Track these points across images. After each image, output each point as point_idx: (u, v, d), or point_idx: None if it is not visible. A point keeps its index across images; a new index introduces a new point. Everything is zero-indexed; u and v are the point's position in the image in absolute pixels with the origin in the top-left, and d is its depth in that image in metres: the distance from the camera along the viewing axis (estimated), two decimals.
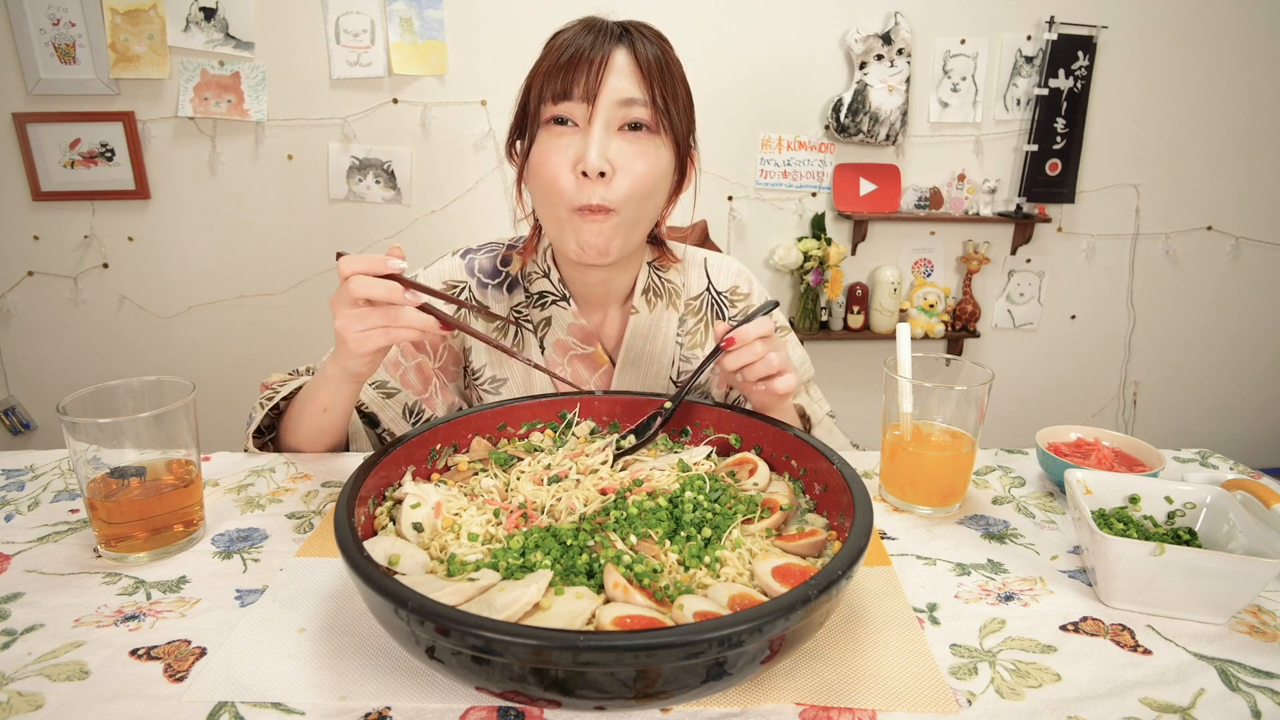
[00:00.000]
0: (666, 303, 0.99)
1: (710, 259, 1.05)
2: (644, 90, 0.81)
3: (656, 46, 0.83)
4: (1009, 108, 2.47)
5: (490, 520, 0.62)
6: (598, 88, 0.79)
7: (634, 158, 0.82)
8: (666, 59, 0.83)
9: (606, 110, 0.80)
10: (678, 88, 0.85)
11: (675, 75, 0.85)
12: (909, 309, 2.60)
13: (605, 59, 0.80)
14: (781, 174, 2.49)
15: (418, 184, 2.40)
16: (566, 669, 0.42)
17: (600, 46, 0.80)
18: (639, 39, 0.82)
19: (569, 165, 0.81)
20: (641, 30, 0.84)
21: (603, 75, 0.79)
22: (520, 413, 0.80)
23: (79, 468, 0.65)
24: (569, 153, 0.81)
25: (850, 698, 0.51)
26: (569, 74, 0.79)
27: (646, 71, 0.81)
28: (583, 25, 0.83)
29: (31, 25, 2.16)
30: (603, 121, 0.80)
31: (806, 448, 0.68)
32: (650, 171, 0.83)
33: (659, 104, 0.81)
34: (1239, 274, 2.71)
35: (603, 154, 0.79)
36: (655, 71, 0.81)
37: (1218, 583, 0.57)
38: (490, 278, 0.99)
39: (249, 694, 0.50)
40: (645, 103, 0.81)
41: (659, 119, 0.82)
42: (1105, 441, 0.86)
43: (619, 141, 0.81)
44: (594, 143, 0.79)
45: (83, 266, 2.40)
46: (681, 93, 0.85)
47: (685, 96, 0.87)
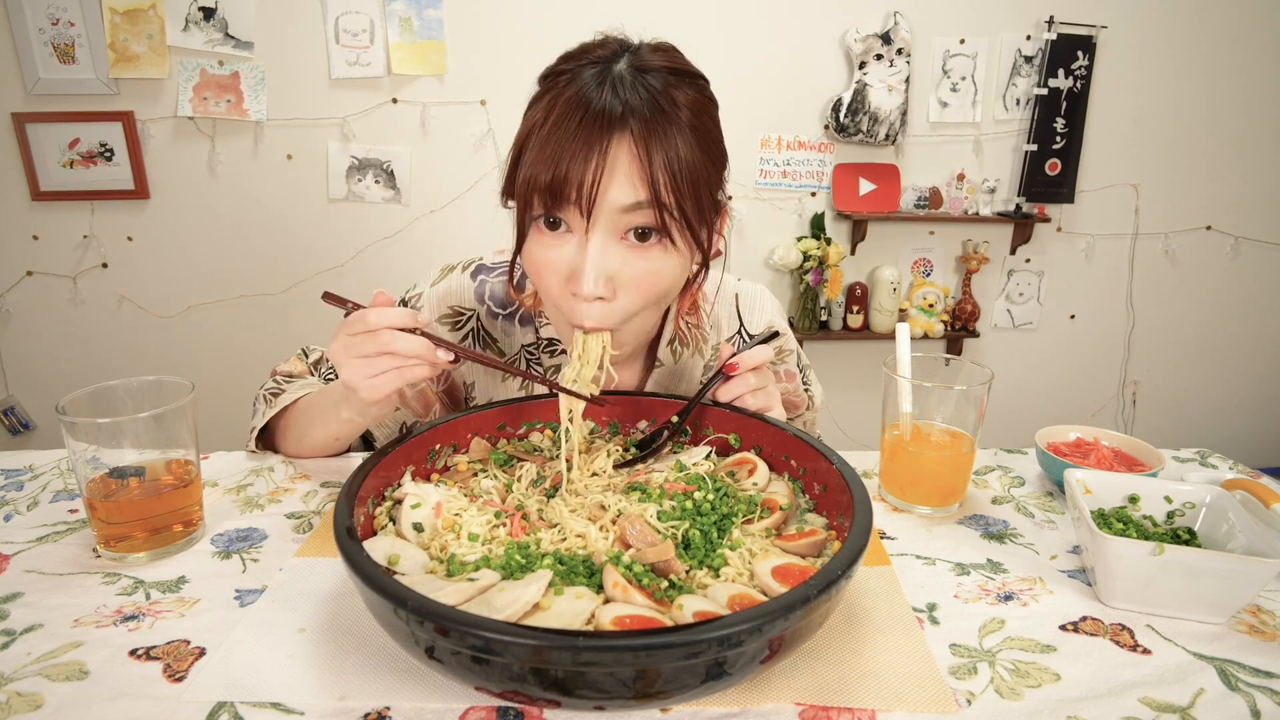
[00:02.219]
0: (692, 350, 0.91)
1: (742, 295, 0.96)
2: (648, 189, 0.66)
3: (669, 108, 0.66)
4: (1008, 107, 2.47)
5: (490, 521, 0.62)
6: (594, 197, 0.65)
7: (640, 274, 0.70)
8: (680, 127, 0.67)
9: (606, 219, 0.67)
10: (697, 166, 0.68)
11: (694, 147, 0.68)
12: (908, 309, 2.60)
13: (604, 153, 0.64)
14: (781, 174, 2.49)
15: (417, 184, 2.40)
16: (566, 669, 0.42)
17: (597, 139, 0.65)
18: (647, 116, 0.65)
19: (563, 279, 0.70)
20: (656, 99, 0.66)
21: (601, 177, 0.64)
22: (520, 413, 0.79)
23: (78, 468, 0.65)
24: (563, 265, 0.70)
25: (850, 698, 0.51)
26: (561, 168, 0.65)
27: (650, 163, 0.65)
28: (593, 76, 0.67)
29: (31, 25, 2.16)
30: (601, 234, 0.67)
31: (806, 448, 0.68)
32: (659, 281, 0.71)
33: (668, 203, 0.66)
34: (1239, 274, 2.71)
35: (599, 278, 0.67)
36: (664, 161, 0.65)
37: (1217, 582, 0.57)
38: (501, 307, 0.89)
39: (248, 694, 0.50)
40: (649, 204, 0.66)
41: (668, 222, 0.67)
42: (1105, 441, 0.86)
43: (621, 253, 0.69)
44: (590, 266, 0.67)
45: (82, 266, 2.40)
46: (701, 169, 0.68)
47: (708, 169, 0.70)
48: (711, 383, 0.78)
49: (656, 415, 0.81)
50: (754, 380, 0.76)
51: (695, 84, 0.71)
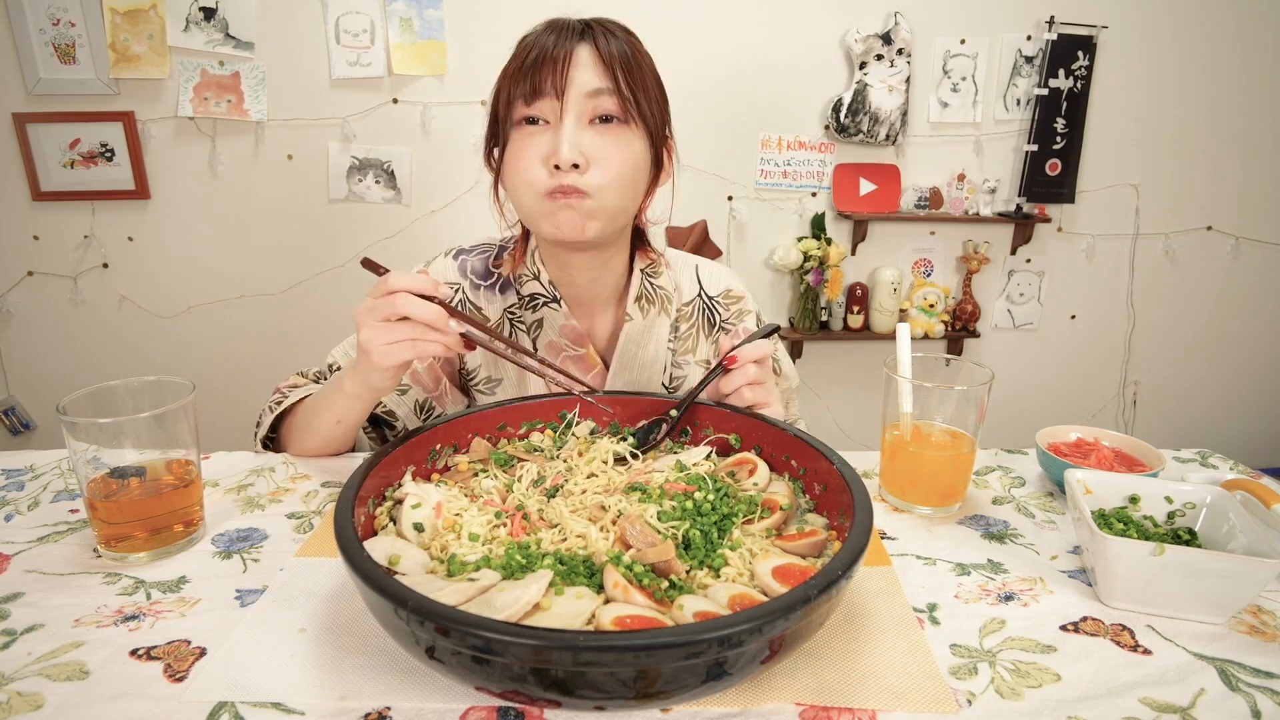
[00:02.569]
0: (659, 309, 0.98)
1: (701, 265, 1.05)
2: (610, 80, 0.80)
3: (622, 40, 0.83)
4: (1009, 108, 2.47)
5: (491, 521, 0.62)
6: (565, 83, 0.79)
7: (607, 148, 0.81)
8: (633, 50, 0.83)
9: (576, 104, 0.80)
10: (646, 78, 0.84)
11: (643, 66, 0.84)
12: (909, 309, 2.60)
13: (569, 55, 0.80)
14: (781, 174, 2.49)
15: (417, 184, 2.40)
16: (566, 669, 0.42)
17: (564, 43, 0.80)
18: (602, 33, 0.82)
19: (542, 160, 0.81)
20: (605, 25, 0.84)
21: (568, 70, 0.79)
22: (520, 413, 0.80)
23: (79, 468, 0.65)
24: (542, 149, 0.81)
25: (850, 698, 0.51)
26: (535, 73, 0.79)
27: (610, 63, 0.80)
28: (546, 26, 0.84)
29: (31, 25, 2.16)
30: (573, 115, 0.80)
31: (806, 448, 0.68)
32: (624, 161, 0.82)
33: (627, 94, 0.81)
34: (1239, 274, 2.71)
35: (575, 146, 0.79)
36: (621, 63, 0.81)
37: (1218, 583, 0.57)
38: (482, 279, 0.98)
39: (249, 694, 0.50)
40: (612, 91, 0.80)
41: (628, 109, 0.81)
42: (1105, 441, 0.86)
43: (591, 135, 0.81)
44: (565, 136, 0.79)
45: (83, 266, 2.40)
46: (651, 83, 0.85)
47: (656, 87, 0.86)
48: (711, 375, 0.79)
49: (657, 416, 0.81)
50: (754, 371, 0.79)
51: (636, 37, 0.87)
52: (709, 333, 1.02)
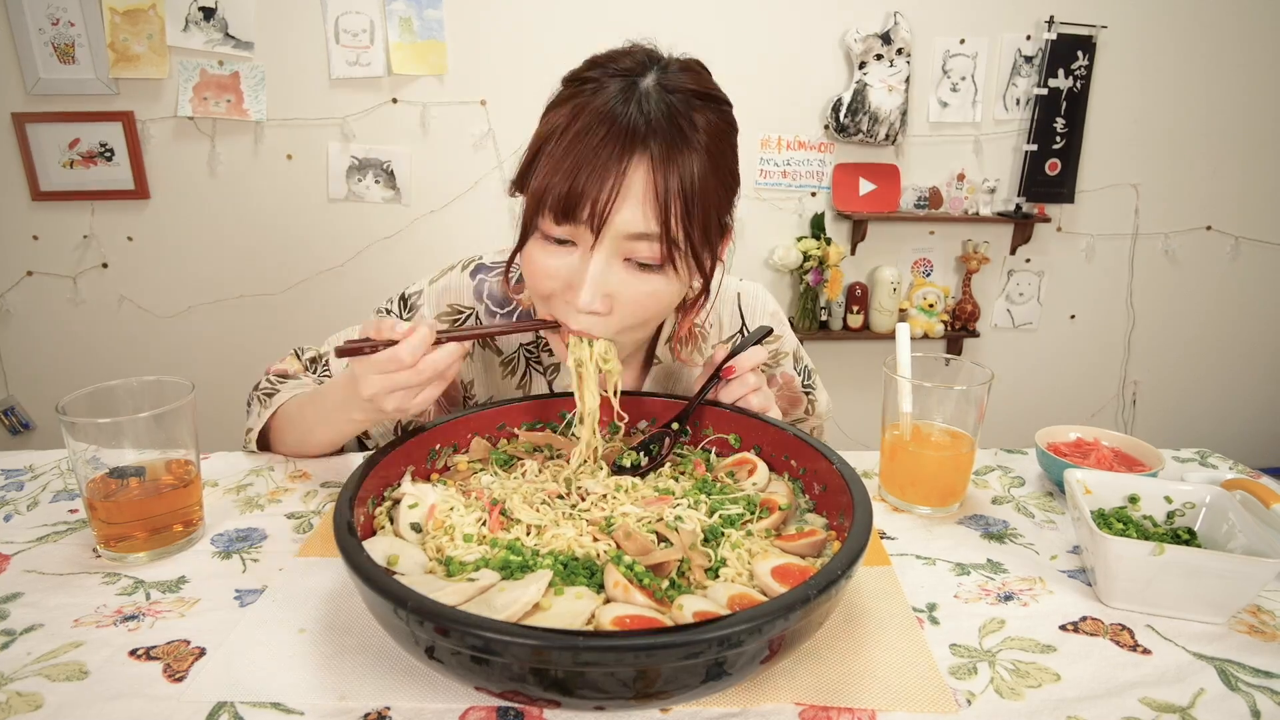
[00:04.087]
0: (691, 349, 0.91)
1: (744, 294, 0.97)
2: (659, 223, 0.66)
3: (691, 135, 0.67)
4: (1008, 107, 2.47)
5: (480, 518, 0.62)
6: (604, 218, 0.65)
7: (637, 296, 0.70)
8: (695, 159, 0.67)
9: (612, 241, 0.67)
10: (710, 199, 0.68)
11: (708, 181, 0.68)
12: (908, 309, 2.60)
13: (618, 185, 0.65)
14: (781, 174, 2.49)
15: (417, 184, 2.40)
16: (566, 669, 0.42)
17: (619, 150, 0.64)
18: (667, 142, 0.65)
19: (561, 286, 0.71)
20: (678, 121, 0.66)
21: (613, 205, 0.65)
22: (520, 413, 0.79)
23: (78, 468, 0.65)
24: (562, 274, 0.70)
25: (850, 698, 0.51)
26: (576, 185, 0.65)
27: (665, 200, 0.65)
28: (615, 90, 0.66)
29: (31, 25, 2.16)
30: (606, 252, 0.68)
31: (806, 448, 0.68)
32: (656, 305, 0.72)
33: (676, 237, 0.67)
34: (1239, 274, 2.71)
35: (598, 295, 0.68)
36: (680, 199, 0.66)
37: (1217, 582, 0.57)
38: (500, 306, 0.89)
39: (248, 694, 0.50)
40: (658, 238, 0.66)
41: (674, 254, 0.68)
42: (1105, 441, 0.86)
43: (622, 274, 0.69)
44: (590, 283, 0.67)
45: (82, 266, 2.40)
46: (714, 196, 0.69)
47: (719, 199, 0.70)
48: (709, 385, 0.78)
49: (657, 416, 0.81)
50: (753, 380, 0.77)
51: (718, 109, 0.71)
52: None
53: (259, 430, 0.88)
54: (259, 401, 0.89)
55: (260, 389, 0.90)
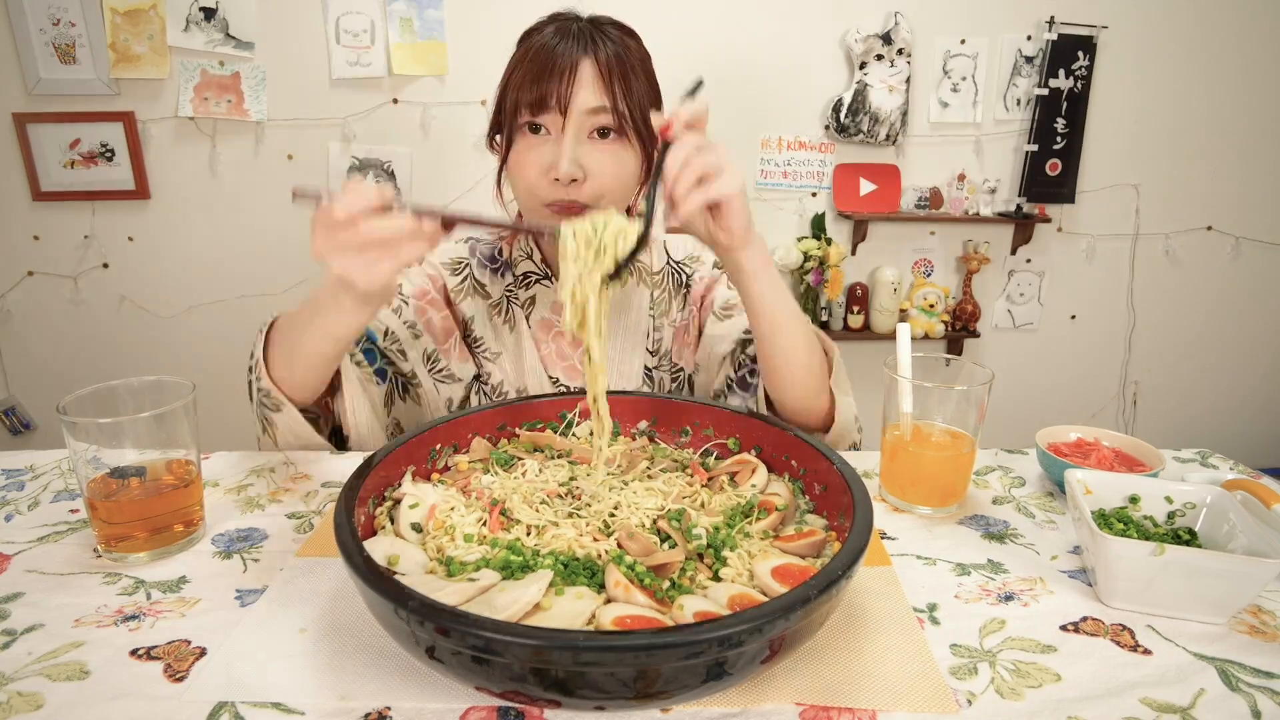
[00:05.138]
0: (638, 279, 1.07)
1: (668, 240, 1.13)
2: (608, 98, 0.87)
3: (620, 47, 0.89)
4: (1009, 108, 2.47)
5: (480, 518, 0.62)
6: (568, 100, 0.86)
7: (604, 162, 0.89)
8: (629, 60, 0.89)
9: (576, 120, 0.87)
10: (641, 87, 0.90)
11: (639, 74, 0.90)
12: (909, 309, 2.60)
13: (573, 70, 0.86)
14: (781, 174, 2.49)
15: (418, 184, 2.40)
16: (566, 669, 0.42)
17: (569, 55, 0.86)
18: (603, 43, 0.88)
19: (543, 170, 0.87)
20: (606, 32, 0.90)
21: (572, 87, 0.85)
22: (520, 413, 0.79)
23: (79, 468, 0.65)
24: (543, 159, 0.87)
25: (850, 698, 0.51)
26: (541, 85, 0.86)
27: (609, 79, 0.87)
28: (554, 29, 0.89)
29: (31, 25, 2.16)
30: (573, 130, 0.87)
31: (806, 448, 0.68)
32: (619, 172, 0.90)
33: (623, 109, 0.88)
34: (1239, 274, 2.71)
35: (574, 162, 0.86)
36: (619, 77, 0.87)
37: (1218, 583, 0.57)
38: (489, 261, 1.07)
39: (249, 694, 0.50)
40: (609, 109, 0.87)
41: (624, 124, 0.88)
42: (1105, 441, 0.86)
43: (589, 148, 0.88)
44: (565, 153, 0.86)
45: (83, 266, 2.40)
46: (644, 90, 0.91)
47: (649, 93, 0.92)
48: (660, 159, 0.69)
49: (656, 415, 0.81)
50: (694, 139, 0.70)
51: (635, 36, 0.94)
52: (676, 292, 1.09)
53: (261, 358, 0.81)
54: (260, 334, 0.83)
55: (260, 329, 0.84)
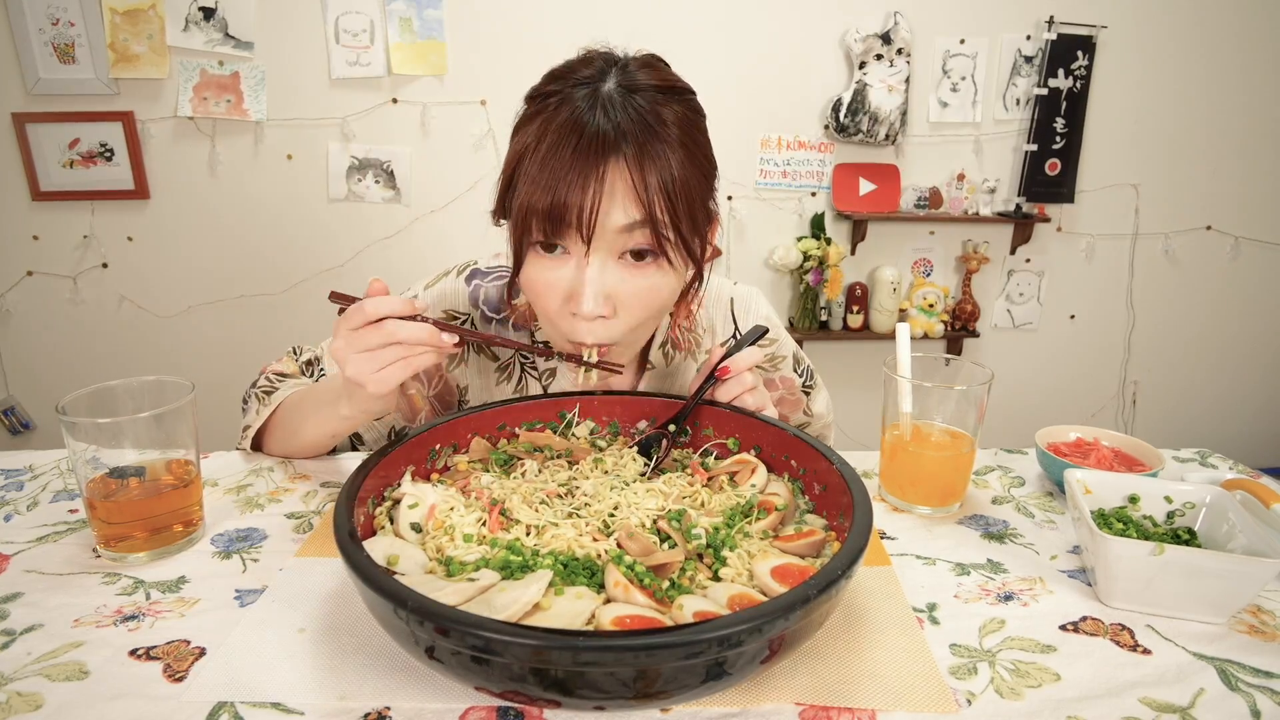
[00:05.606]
0: (685, 354, 0.93)
1: (736, 299, 0.97)
2: (643, 209, 0.67)
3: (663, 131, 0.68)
4: (1008, 107, 2.47)
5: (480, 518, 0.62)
6: (593, 223, 0.66)
7: (638, 294, 0.72)
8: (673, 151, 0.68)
9: (605, 241, 0.68)
10: (691, 184, 0.70)
11: (688, 169, 0.69)
12: (908, 309, 2.60)
13: (601, 180, 0.66)
14: (781, 174, 2.49)
15: (417, 184, 2.40)
16: (566, 669, 0.42)
17: (595, 157, 0.66)
18: (641, 129, 0.67)
19: (562, 299, 0.72)
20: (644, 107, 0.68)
21: (598, 205, 0.66)
22: (520, 413, 0.79)
23: (78, 468, 0.64)
24: (562, 286, 0.71)
25: (850, 698, 0.51)
26: (559, 197, 0.66)
27: (645, 185, 0.67)
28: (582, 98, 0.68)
29: (31, 25, 2.16)
30: (601, 254, 0.69)
31: (806, 448, 0.68)
32: (657, 299, 0.73)
33: (664, 224, 0.68)
34: (1239, 274, 2.71)
35: (599, 296, 0.69)
36: (659, 182, 0.67)
37: (1217, 582, 0.57)
38: (495, 312, 0.90)
39: (248, 694, 0.50)
40: (645, 223, 0.68)
41: (664, 243, 0.69)
42: (1105, 441, 0.86)
43: (619, 273, 0.71)
44: (588, 285, 0.69)
45: (82, 266, 2.40)
46: (695, 185, 0.70)
47: (700, 185, 0.71)
48: (704, 387, 0.77)
49: (657, 415, 0.81)
50: (749, 379, 0.76)
51: (683, 99, 0.73)
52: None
53: (256, 429, 0.87)
54: (257, 399, 0.88)
55: (259, 387, 0.89)
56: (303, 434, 0.83)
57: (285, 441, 0.86)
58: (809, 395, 1.05)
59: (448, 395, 0.95)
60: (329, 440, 0.84)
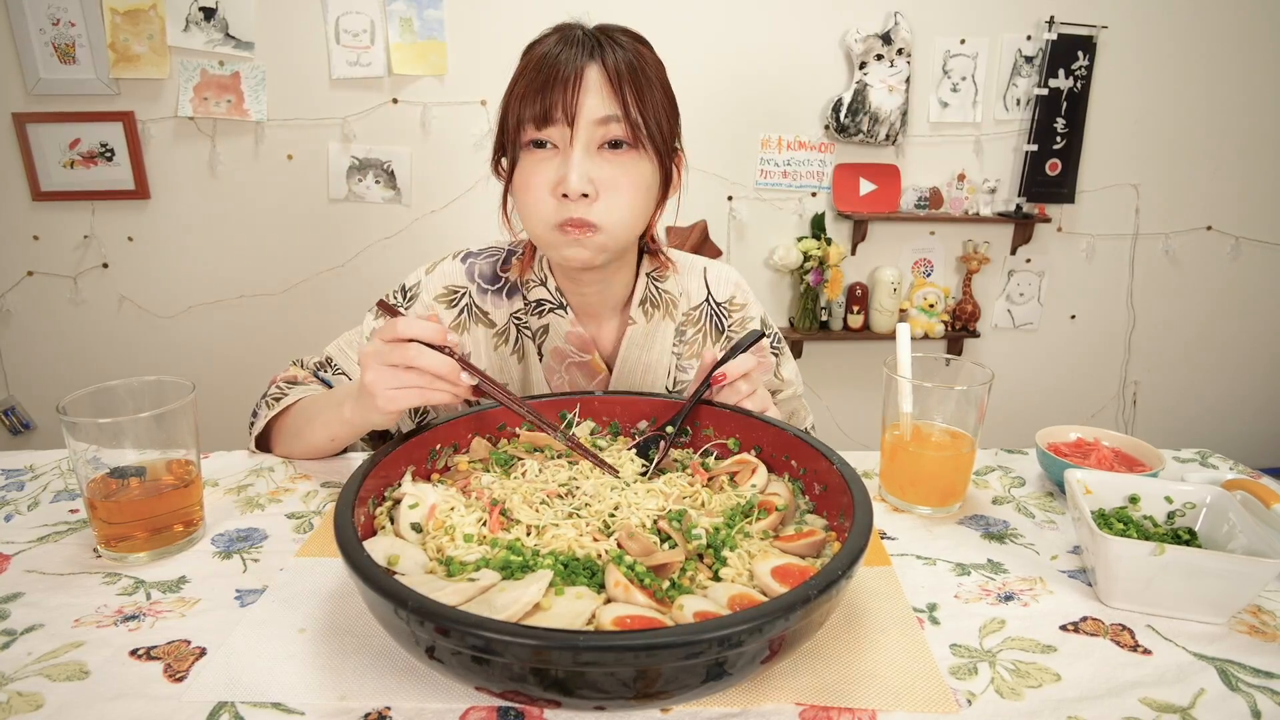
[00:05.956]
0: (663, 313, 0.98)
1: (709, 268, 1.04)
2: (619, 106, 0.79)
3: (631, 53, 0.81)
4: (1009, 108, 2.47)
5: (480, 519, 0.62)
6: (574, 110, 0.78)
7: (617, 176, 0.81)
8: (642, 67, 0.81)
9: (585, 131, 0.79)
10: (656, 96, 0.82)
11: (653, 83, 0.82)
12: (909, 309, 2.60)
13: (579, 78, 0.78)
14: (781, 174, 2.49)
15: (417, 184, 2.40)
16: (566, 669, 0.42)
17: (573, 63, 0.78)
18: (611, 50, 0.80)
19: (551, 187, 0.80)
20: (615, 38, 0.81)
21: (578, 96, 0.77)
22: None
23: (79, 468, 0.65)
24: (551, 175, 0.80)
25: (850, 698, 0.51)
26: (545, 97, 0.78)
27: (619, 86, 0.79)
28: (557, 38, 0.81)
29: (31, 25, 2.16)
30: (582, 143, 0.79)
31: (806, 448, 0.68)
32: (633, 187, 0.82)
33: (636, 118, 0.80)
34: (1239, 274, 2.71)
35: (584, 176, 0.78)
36: (630, 85, 0.79)
37: (1217, 583, 0.57)
38: (490, 283, 0.97)
39: (249, 694, 0.50)
40: (621, 118, 0.79)
41: (638, 134, 0.80)
42: (1105, 441, 0.86)
43: (599, 162, 0.80)
44: (574, 166, 0.78)
45: (82, 266, 2.40)
46: (660, 101, 0.83)
47: (666, 104, 0.84)
48: (702, 389, 0.78)
49: (657, 416, 0.81)
50: (744, 387, 0.78)
51: (647, 43, 0.86)
52: (716, 338, 1.02)
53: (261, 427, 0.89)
54: (266, 406, 0.90)
55: (268, 395, 0.92)
56: (307, 435, 0.86)
57: (290, 443, 0.89)
58: (778, 360, 1.07)
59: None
60: (330, 443, 0.85)
